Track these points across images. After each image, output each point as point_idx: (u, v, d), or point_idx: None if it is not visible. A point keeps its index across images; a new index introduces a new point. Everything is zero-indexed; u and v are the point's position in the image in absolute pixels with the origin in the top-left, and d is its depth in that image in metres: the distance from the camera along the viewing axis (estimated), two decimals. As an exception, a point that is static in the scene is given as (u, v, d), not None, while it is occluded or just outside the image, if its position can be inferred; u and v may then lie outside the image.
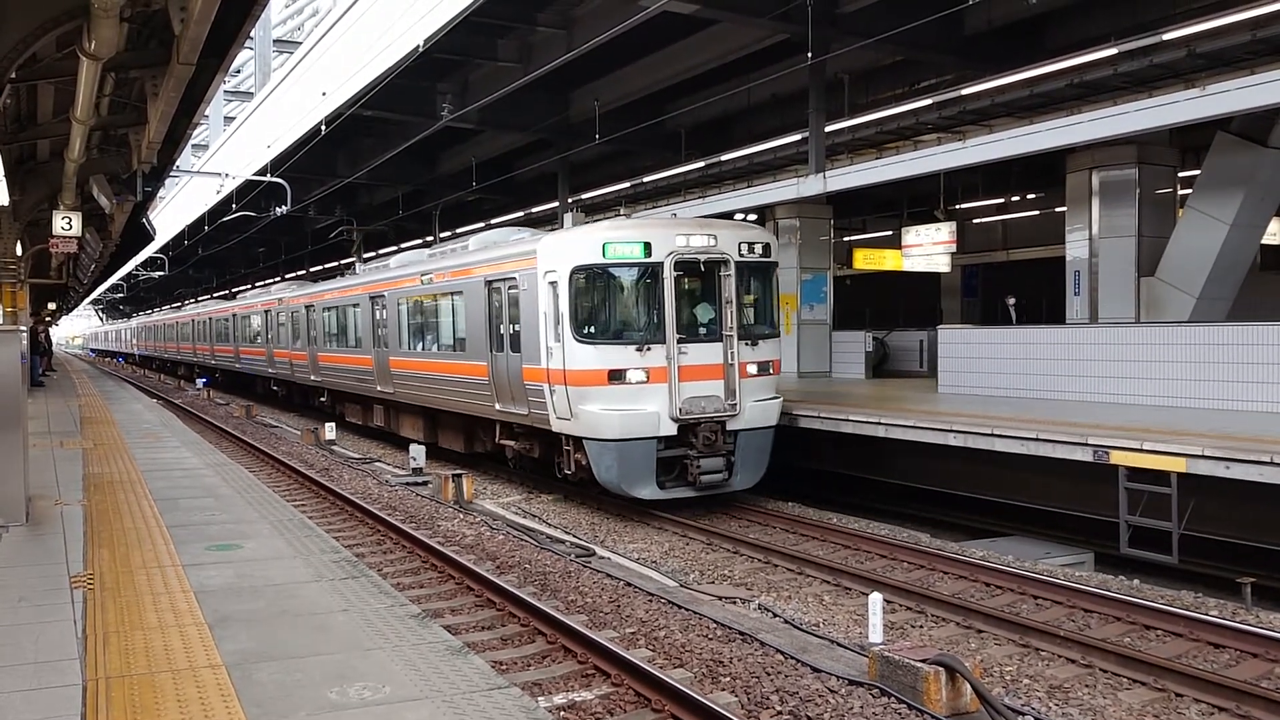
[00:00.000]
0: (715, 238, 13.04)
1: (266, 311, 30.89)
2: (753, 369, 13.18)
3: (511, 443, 15.25)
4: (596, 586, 9.74)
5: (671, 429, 12.60)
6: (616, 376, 12.48)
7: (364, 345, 21.36)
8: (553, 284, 12.89)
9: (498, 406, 14.95)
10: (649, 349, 12.58)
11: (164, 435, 16.82)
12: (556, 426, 13.18)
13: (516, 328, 14.10)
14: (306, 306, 26.30)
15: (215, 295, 59.36)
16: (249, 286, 54.82)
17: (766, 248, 13.56)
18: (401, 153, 24.91)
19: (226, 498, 10.48)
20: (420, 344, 18.53)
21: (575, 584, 9.85)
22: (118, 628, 5.90)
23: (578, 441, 12.95)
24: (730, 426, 12.89)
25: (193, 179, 34.60)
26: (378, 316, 20.38)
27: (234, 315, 36.04)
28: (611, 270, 12.87)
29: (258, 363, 32.85)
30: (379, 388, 20.48)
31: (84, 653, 5.45)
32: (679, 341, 12.66)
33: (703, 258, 12.86)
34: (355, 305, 22.06)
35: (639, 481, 12.50)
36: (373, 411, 22.11)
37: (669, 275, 12.65)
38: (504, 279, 14.51)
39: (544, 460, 14.61)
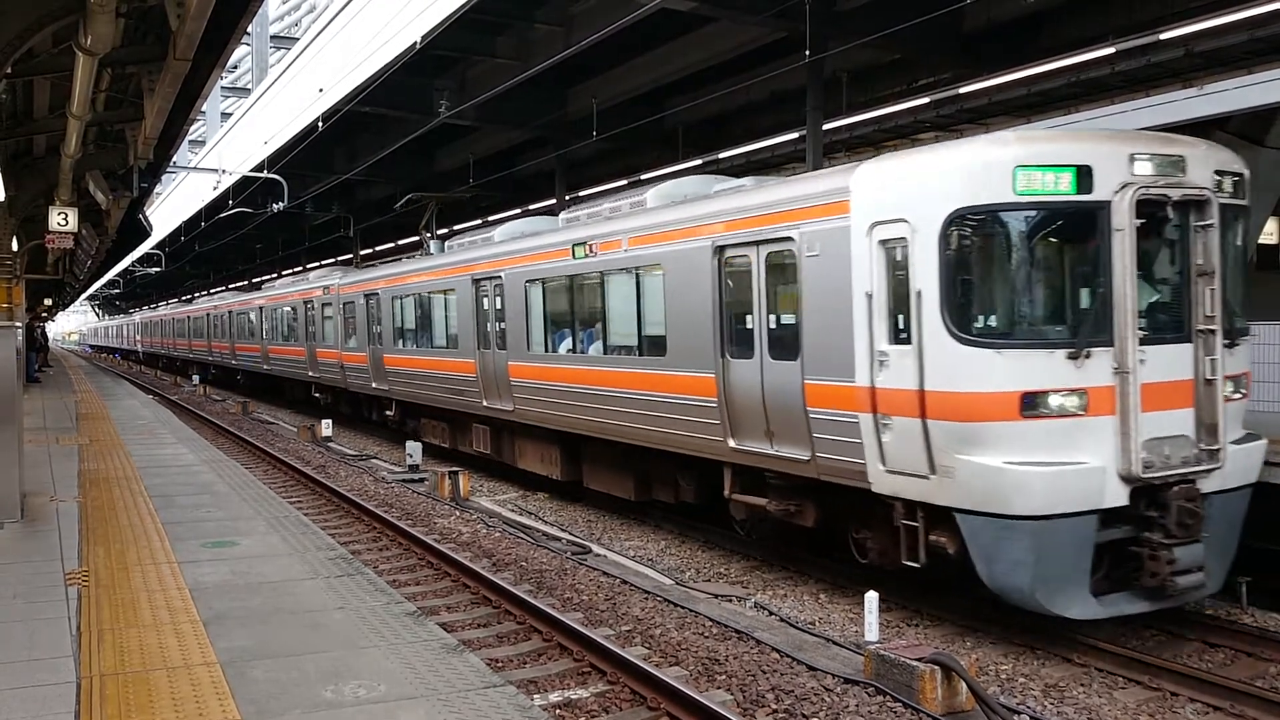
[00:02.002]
0: (1183, 161, 8.06)
1: (307, 302, 25.55)
2: (1229, 388, 8.21)
3: (754, 499, 10.17)
4: (592, 584, 9.73)
5: (1121, 496, 7.66)
6: (1035, 404, 7.54)
7: (462, 345, 16.40)
8: (893, 245, 8.12)
9: (733, 443, 10.06)
10: (1087, 356, 7.63)
11: (160, 432, 16.79)
12: (888, 486, 8.32)
13: (788, 319, 9.37)
14: (367, 295, 21.05)
15: (233, 286, 54.08)
16: (274, 275, 47.02)
17: (1240, 181, 8.67)
18: (399, 149, 24.87)
19: (222, 494, 10.46)
20: (565, 343, 13.50)
21: (571, 582, 9.84)
22: (112, 625, 5.89)
23: (939, 515, 7.99)
24: (1205, 487, 7.91)
25: (189, 175, 34.59)
26: (485, 306, 15.57)
27: (261, 308, 30.78)
28: (1023, 216, 7.74)
29: (293, 365, 27.08)
30: (486, 402, 15.59)
31: (78, 650, 5.45)
32: (1139, 342, 7.69)
33: (1175, 195, 7.90)
34: (447, 292, 17.04)
35: (1064, 588, 7.59)
36: (472, 433, 16.98)
37: (1124, 224, 7.62)
38: (762, 242, 9.57)
39: (820, 530, 9.88)
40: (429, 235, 20.53)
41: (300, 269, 44.69)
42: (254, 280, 52.07)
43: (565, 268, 13.22)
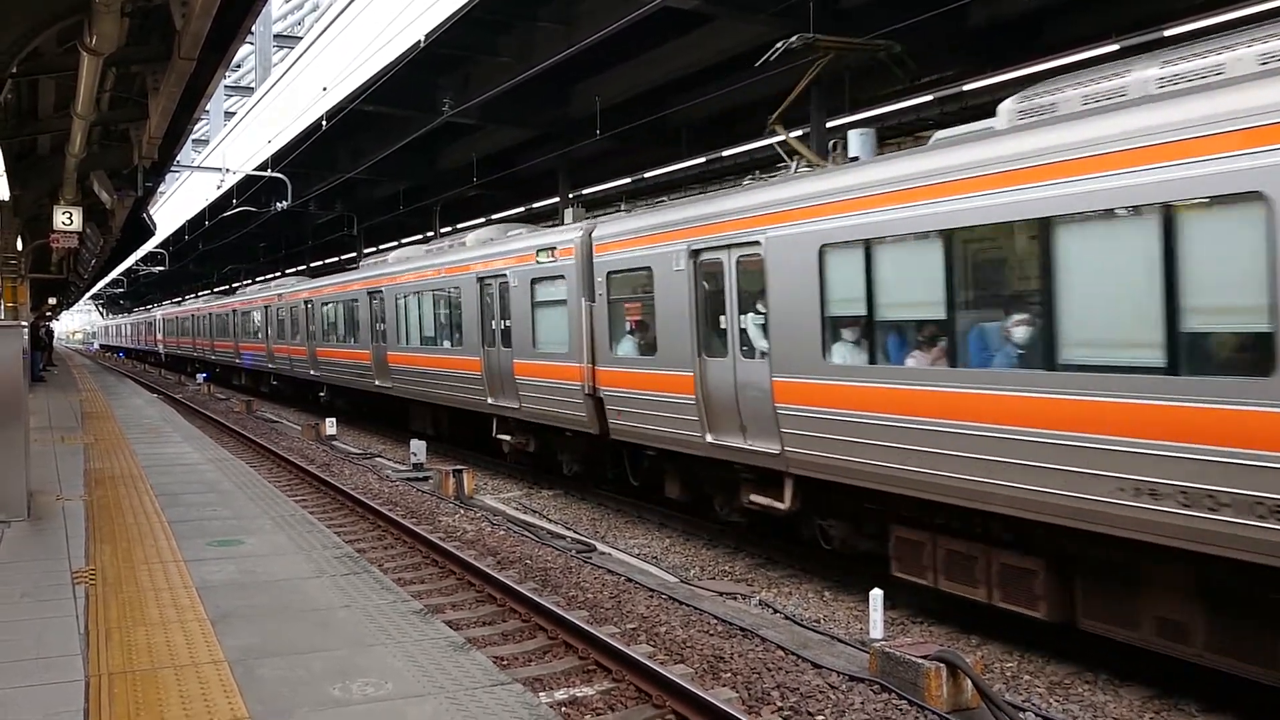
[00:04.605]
0: None
1: (482, 280, 16.05)
2: None
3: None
4: (597, 582, 9.75)
5: None
6: None
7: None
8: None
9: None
10: None
11: (165, 430, 16.83)
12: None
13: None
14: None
15: (300, 269, 44.58)
16: (376, 249, 35.29)
17: None
18: (402, 148, 24.89)
19: (228, 493, 10.49)
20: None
21: (576, 580, 9.86)
22: (120, 623, 5.90)
23: None
24: None
25: (193, 174, 34.65)
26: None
27: (388, 289, 20.66)
28: None
29: (448, 384, 17.67)
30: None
31: (86, 648, 5.46)
32: None
33: None
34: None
35: None
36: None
37: None
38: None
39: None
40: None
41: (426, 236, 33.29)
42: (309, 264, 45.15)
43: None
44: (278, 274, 47.02)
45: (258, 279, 46.38)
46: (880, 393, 8.39)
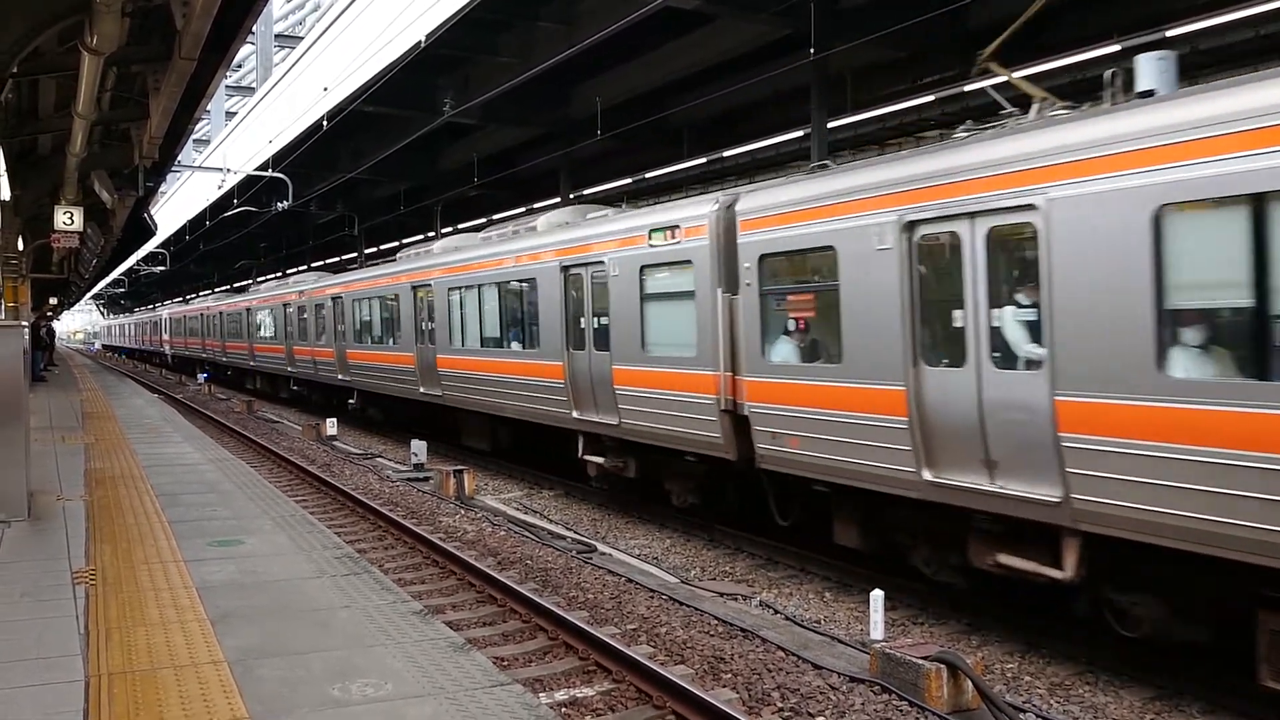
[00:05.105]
0: None
1: (567, 269, 13.51)
2: None
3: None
4: (598, 583, 9.74)
5: None
6: None
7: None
8: None
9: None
10: None
11: (165, 430, 16.83)
12: None
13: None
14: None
15: (315, 266, 41.66)
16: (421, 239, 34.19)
17: None
18: (403, 148, 24.90)
19: (228, 493, 10.48)
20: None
21: (576, 580, 9.85)
22: (120, 623, 5.90)
23: None
24: None
25: (194, 174, 34.67)
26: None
27: (439, 282, 18.19)
28: None
29: (516, 393, 15.14)
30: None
31: (86, 648, 5.46)
32: None
33: None
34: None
35: None
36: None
37: None
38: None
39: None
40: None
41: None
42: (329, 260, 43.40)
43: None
44: (302, 268, 44.81)
45: (272, 275, 46.04)
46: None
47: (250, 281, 45.43)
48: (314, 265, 44.04)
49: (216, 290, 55.91)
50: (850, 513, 9.47)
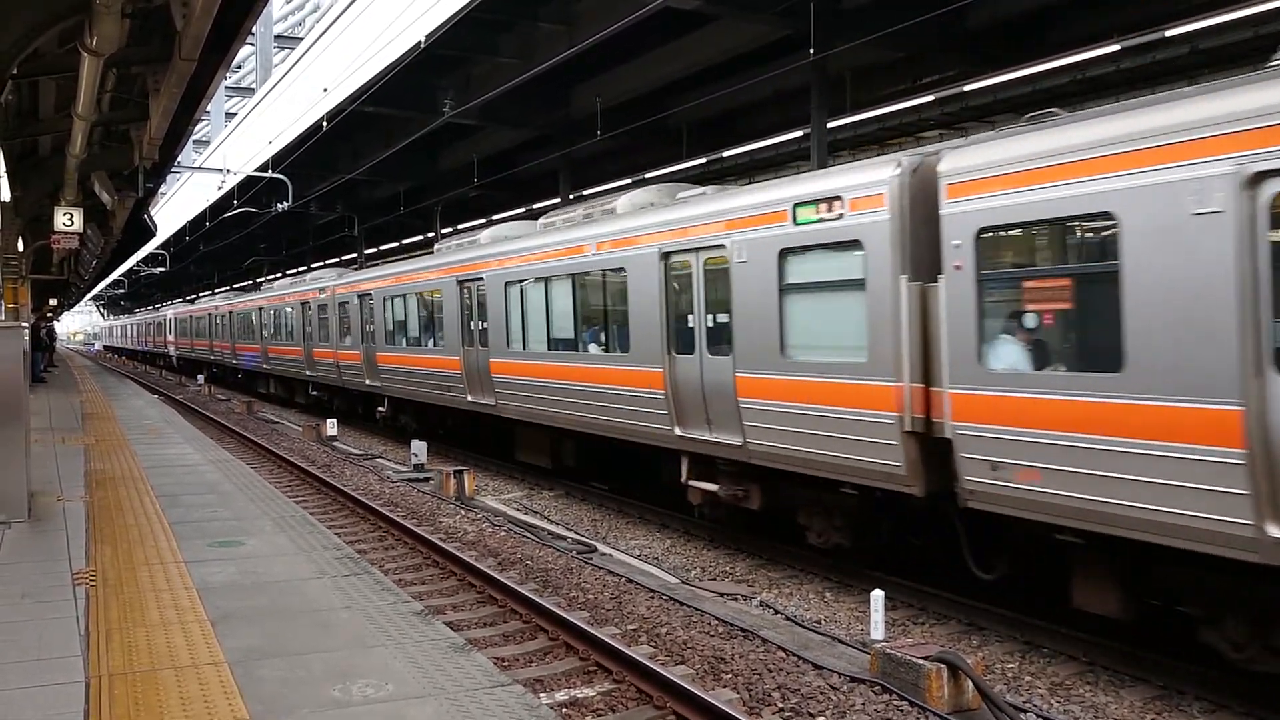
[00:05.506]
0: None
1: (668, 257, 11.55)
2: None
3: None
4: (598, 583, 9.74)
5: None
6: None
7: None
8: None
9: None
10: None
11: (166, 431, 16.83)
12: None
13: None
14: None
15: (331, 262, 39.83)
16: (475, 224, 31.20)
17: None
18: (403, 149, 24.91)
19: (228, 494, 10.49)
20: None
21: (577, 581, 9.85)
22: (120, 624, 5.90)
23: None
24: None
25: (194, 175, 34.68)
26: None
27: (492, 276, 15.86)
28: None
29: (594, 404, 13.05)
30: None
31: (87, 649, 5.46)
32: None
33: None
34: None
35: None
36: None
37: None
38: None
39: None
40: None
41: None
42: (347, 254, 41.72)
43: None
44: (326, 262, 42.62)
45: (288, 272, 45.66)
46: None
47: (260, 280, 44.84)
48: (313, 266, 44.04)
49: (225, 289, 53.88)
50: (1112, 572, 7.35)
